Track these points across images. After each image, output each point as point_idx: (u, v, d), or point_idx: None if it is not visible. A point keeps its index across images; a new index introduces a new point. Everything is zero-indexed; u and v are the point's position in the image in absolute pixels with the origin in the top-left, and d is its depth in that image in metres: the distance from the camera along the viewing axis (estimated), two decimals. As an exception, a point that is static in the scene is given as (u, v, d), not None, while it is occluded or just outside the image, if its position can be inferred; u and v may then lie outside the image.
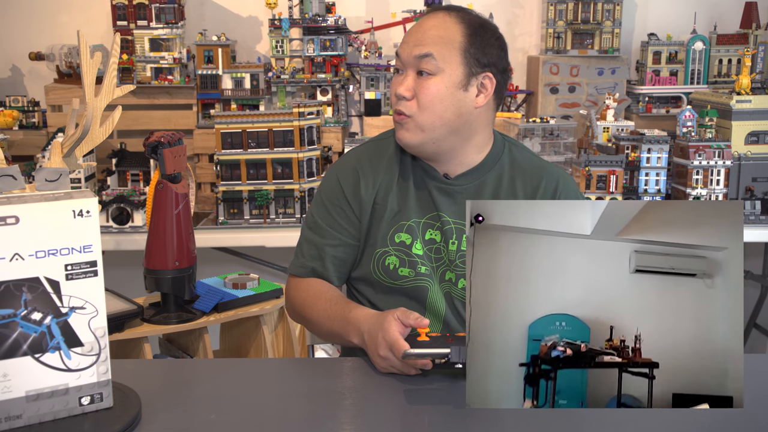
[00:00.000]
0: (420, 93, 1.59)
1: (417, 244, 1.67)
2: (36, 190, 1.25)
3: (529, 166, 1.71)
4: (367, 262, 1.69)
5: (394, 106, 1.64)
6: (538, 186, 1.69)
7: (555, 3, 3.35)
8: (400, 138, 1.64)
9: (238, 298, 2.31)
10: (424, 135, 1.61)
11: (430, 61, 1.58)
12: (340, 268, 1.71)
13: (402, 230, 1.67)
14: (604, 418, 1.27)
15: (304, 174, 3.01)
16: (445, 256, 1.67)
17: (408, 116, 1.61)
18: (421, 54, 1.58)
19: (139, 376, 1.40)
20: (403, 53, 1.62)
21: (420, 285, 1.66)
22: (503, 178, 1.69)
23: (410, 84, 1.60)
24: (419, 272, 1.66)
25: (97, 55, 1.71)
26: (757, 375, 1.44)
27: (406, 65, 1.61)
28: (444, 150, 1.65)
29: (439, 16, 1.62)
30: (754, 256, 3.65)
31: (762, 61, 3.42)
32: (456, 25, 1.60)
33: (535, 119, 3.21)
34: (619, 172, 2.98)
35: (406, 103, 1.60)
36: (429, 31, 1.60)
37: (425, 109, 1.59)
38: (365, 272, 1.70)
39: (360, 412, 1.27)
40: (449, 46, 1.59)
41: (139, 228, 2.91)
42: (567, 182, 1.72)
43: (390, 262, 1.67)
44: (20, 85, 3.59)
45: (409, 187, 1.69)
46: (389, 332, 1.38)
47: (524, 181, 1.69)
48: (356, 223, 1.70)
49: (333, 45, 3.31)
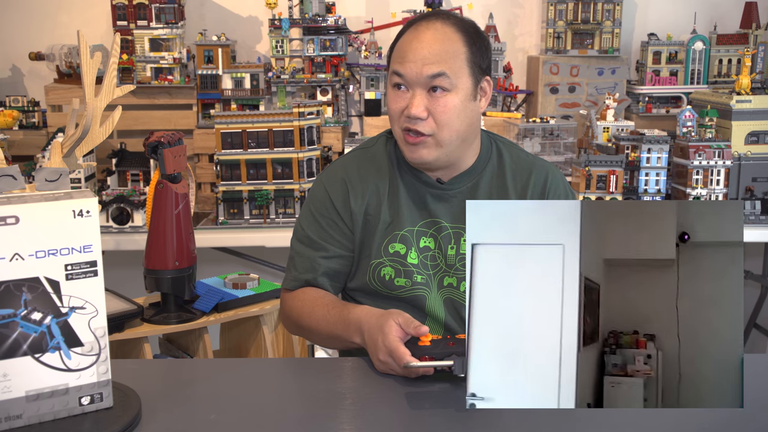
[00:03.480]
0: (436, 111, 1.55)
1: (412, 254, 1.65)
2: (36, 190, 1.25)
3: (517, 162, 1.71)
4: (362, 273, 1.68)
5: (404, 125, 1.58)
6: (528, 181, 1.69)
7: (555, 3, 3.35)
8: (417, 157, 1.60)
9: (238, 298, 2.31)
10: (441, 150, 1.59)
11: (445, 79, 1.54)
12: (335, 280, 1.69)
13: (396, 240, 1.65)
14: (605, 419, 1.27)
15: (304, 174, 3.01)
16: (442, 261, 1.66)
17: (427, 135, 1.57)
18: (433, 74, 1.54)
19: (139, 376, 1.40)
20: (410, 72, 1.55)
21: (417, 294, 1.65)
22: (494, 177, 1.69)
23: (423, 103, 1.55)
24: (415, 282, 1.65)
25: (97, 55, 1.72)
26: (757, 375, 1.44)
27: (413, 84, 1.56)
28: (452, 159, 1.64)
29: (437, 27, 1.57)
30: (754, 256, 3.65)
31: (762, 61, 3.42)
32: (456, 35, 1.57)
33: (535, 119, 3.21)
34: (619, 172, 2.98)
35: (422, 123, 1.56)
36: (433, 46, 1.55)
37: (444, 126, 1.56)
38: (362, 283, 1.68)
39: (360, 412, 1.27)
40: (458, 60, 1.56)
41: (139, 228, 2.91)
42: (555, 175, 1.72)
43: (385, 273, 1.66)
44: (20, 85, 3.59)
45: (401, 195, 1.67)
46: (389, 338, 1.37)
47: (514, 177, 1.69)
48: (349, 234, 1.68)
49: (333, 45, 3.31)
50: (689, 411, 1.28)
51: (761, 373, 1.46)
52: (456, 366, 1.27)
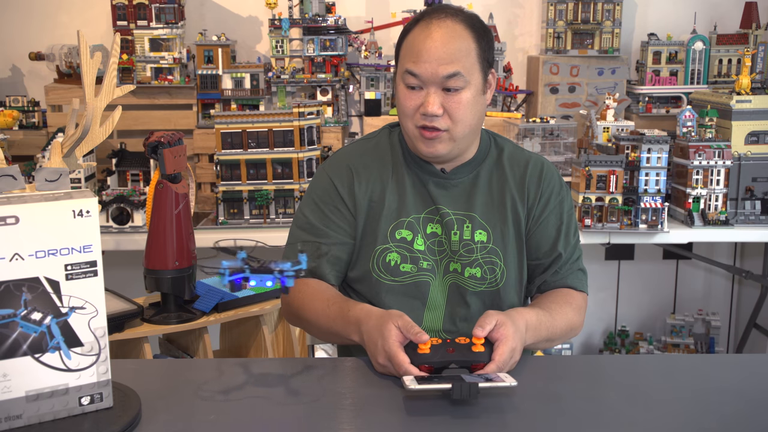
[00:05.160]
0: (451, 108, 1.60)
1: (418, 240, 1.68)
2: (36, 190, 1.25)
3: (514, 154, 1.76)
4: (365, 260, 1.69)
5: (419, 122, 1.61)
6: (525, 170, 1.73)
7: (555, 3, 3.35)
8: (432, 152, 1.63)
9: (238, 298, 2.31)
10: (455, 144, 1.64)
11: (459, 78, 1.58)
12: (337, 267, 1.70)
13: (402, 227, 1.68)
14: (605, 419, 1.27)
15: (304, 174, 3.01)
16: (448, 247, 1.68)
17: (444, 131, 1.61)
18: (449, 74, 1.57)
19: (139, 376, 1.40)
20: (425, 72, 1.58)
21: (421, 280, 1.67)
22: (494, 167, 1.74)
23: (439, 101, 1.59)
24: (421, 267, 1.67)
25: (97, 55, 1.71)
26: (757, 375, 1.44)
27: (428, 83, 1.59)
28: (462, 151, 1.69)
29: (448, 24, 1.59)
30: (754, 256, 3.65)
31: (762, 61, 3.42)
32: (466, 31, 1.60)
33: (535, 119, 3.21)
34: (619, 172, 2.98)
35: (438, 120, 1.60)
36: (448, 45, 1.58)
37: (459, 122, 1.61)
38: (363, 271, 1.69)
39: (360, 412, 1.27)
40: (470, 57, 1.60)
41: (139, 228, 2.91)
42: (549, 167, 1.77)
43: (391, 259, 1.67)
44: (20, 85, 3.59)
45: (406, 184, 1.70)
46: (388, 343, 1.37)
47: (512, 168, 1.74)
48: (352, 221, 1.70)
49: (333, 45, 3.31)
50: (689, 411, 1.28)
51: (761, 373, 1.46)
52: (455, 390, 1.25)
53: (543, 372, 1.46)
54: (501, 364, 1.36)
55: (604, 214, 2.99)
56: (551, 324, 1.57)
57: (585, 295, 1.74)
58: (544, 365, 1.52)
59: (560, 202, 1.74)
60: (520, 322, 1.46)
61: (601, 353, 3.74)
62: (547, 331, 1.56)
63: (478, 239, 1.68)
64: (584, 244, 2.77)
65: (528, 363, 1.48)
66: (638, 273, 3.81)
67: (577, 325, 1.68)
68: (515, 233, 1.70)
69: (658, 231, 2.97)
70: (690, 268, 3.83)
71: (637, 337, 3.76)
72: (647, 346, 3.65)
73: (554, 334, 1.59)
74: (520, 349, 1.44)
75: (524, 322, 1.48)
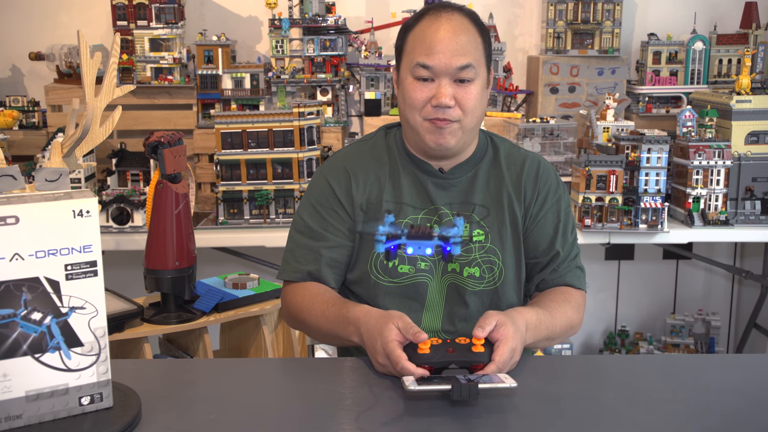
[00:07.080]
0: (462, 99, 1.62)
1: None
2: (36, 190, 1.25)
3: (510, 153, 1.78)
4: (363, 262, 1.69)
5: (430, 114, 1.63)
6: (522, 169, 1.74)
7: (555, 3, 3.35)
8: (443, 142, 1.65)
9: (238, 298, 2.31)
10: (463, 135, 1.66)
11: (471, 70, 1.62)
12: (336, 270, 1.70)
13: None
14: (605, 419, 1.27)
15: (304, 174, 3.01)
16: None
17: (454, 122, 1.63)
18: (462, 65, 1.61)
19: (139, 376, 1.40)
20: (439, 64, 1.60)
21: (419, 281, 1.67)
22: (491, 166, 1.75)
23: (451, 92, 1.61)
24: (419, 268, 1.67)
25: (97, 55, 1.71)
26: (757, 375, 1.44)
27: (440, 74, 1.61)
28: (465, 145, 1.71)
29: (456, 19, 1.63)
30: (754, 256, 3.65)
31: (762, 61, 3.42)
32: (473, 27, 1.64)
33: (535, 119, 3.21)
34: (619, 172, 2.98)
35: (450, 111, 1.62)
36: (460, 38, 1.61)
37: (469, 113, 1.64)
38: (362, 273, 1.69)
39: (360, 412, 1.27)
40: (479, 51, 1.64)
41: (139, 228, 2.91)
42: (546, 165, 1.78)
43: (389, 261, 1.67)
44: (20, 85, 3.59)
45: (403, 184, 1.70)
46: (388, 343, 1.37)
47: (509, 167, 1.75)
48: (349, 223, 1.70)
49: (333, 45, 3.31)
50: (689, 411, 1.28)
51: (761, 373, 1.46)
52: (454, 391, 1.25)
53: (543, 372, 1.46)
54: (501, 365, 1.36)
55: (604, 214, 2.99)
56: (551, 323, 1.58)
57: (584, 292, 1.74)
58: (544, 365, 1.52)
59: (557, 201, 1.74)
60: (520, 322, 1.46)
61: (601, 353, 3.74)
62: (547, 330, 1.56)
63: (477, 239, 1.68)
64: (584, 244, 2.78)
65: (528, 363, 1.48)
66: (638, 273, 3.81)
67: (577, 323, 1.68)
68: (513, 232, 1.70)
69: (658, 231, 2.98)
70: (690, 268, 3.83)
71: (637, 337, 3.76)
72: (647, 346, 3.65)
73: (554, 333, 1.59)
74: (521, 350, 1.44)
75: (524, 321, 1.48)
